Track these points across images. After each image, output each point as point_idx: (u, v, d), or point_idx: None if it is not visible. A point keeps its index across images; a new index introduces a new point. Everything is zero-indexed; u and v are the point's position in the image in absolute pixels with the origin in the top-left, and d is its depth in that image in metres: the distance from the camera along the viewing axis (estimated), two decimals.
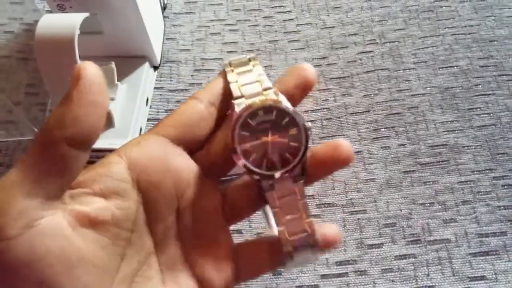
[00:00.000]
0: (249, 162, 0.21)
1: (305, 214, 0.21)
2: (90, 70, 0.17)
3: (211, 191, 0.22)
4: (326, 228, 0.21)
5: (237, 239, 0.22)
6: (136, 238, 0.20)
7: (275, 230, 0.21)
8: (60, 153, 0.17)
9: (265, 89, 0.21)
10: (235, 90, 0.21)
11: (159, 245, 0.21)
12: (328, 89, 0.44)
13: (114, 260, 0.19)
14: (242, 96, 0.21)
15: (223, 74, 0.22)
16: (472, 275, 0.35)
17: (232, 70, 0.22)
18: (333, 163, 0.21)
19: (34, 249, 0.16)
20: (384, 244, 0.36)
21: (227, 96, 0.22)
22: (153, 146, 0.20)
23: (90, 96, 0.17)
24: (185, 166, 0.21)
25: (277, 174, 0.21)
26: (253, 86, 0.22)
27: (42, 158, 0.17)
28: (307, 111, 0.43)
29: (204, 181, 0.21)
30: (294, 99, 0.22)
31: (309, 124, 0.21)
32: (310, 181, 0.22)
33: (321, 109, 0.43)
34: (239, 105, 0.21)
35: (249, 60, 0.23)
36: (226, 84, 0.22)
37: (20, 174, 0.17)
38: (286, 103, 0.21)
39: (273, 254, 0.21)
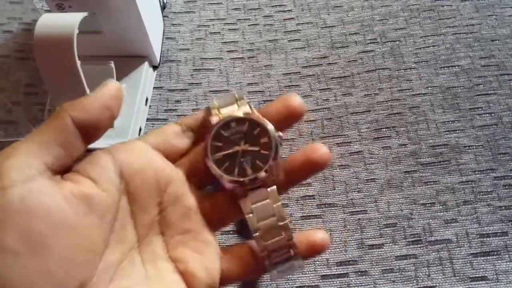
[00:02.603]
0: (221, 170, 0.22)
1: (281, 219, 0.22)
2: (116, 84, 0.21)
3: (192, 191, 0.23)
4: (312, 235, 0.22)
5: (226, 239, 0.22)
6: (119, 228, 0.20)
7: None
8: (64, 124, 0.19)
9: (244, 112, 0.23)
10: (214, 115, 0.23)
11: (143, 240, 0.21)
12: (328, 88, 0.44)
13: (99, 242, 0.19)
14: (218, 114, 0.23)
15: (207, 109, 0.24)
16: (473, 276, 0.34)
17: (217, 109, 0.24)
18: (308, 166, 0.22)
19: (24, 199, 0.17)
20: (385, 245, 0.36)
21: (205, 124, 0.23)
22: (137, 145, 0.22)
23: (106, 98, 0.20)
24: (166, 164, 0.22)
25: (247, 180, 0.21)
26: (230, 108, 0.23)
27: (48, 126, 0.19)
28: (308, 111, 0.43)
29: (186, 181, 0.22)
30: (277, 125, 0.23)
31: (280, 133, 0.22)
32: (288, 183, 0.23)
33: (321, 108, 0.43)
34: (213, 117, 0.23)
35: (236, 99, 0.24)
36: (208, 115, 0.23)
37: (28, 138, 0.19)
38: (259, 116, 0.22)
39: (259, 260, 0.22)
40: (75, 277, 0.18)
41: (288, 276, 0.35)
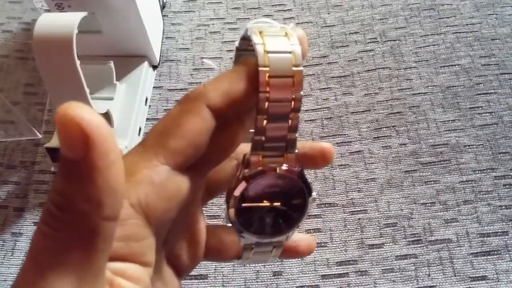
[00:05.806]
0: (240, 222, 0.19)
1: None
2: (102, 130, 0.12)
3: (200, 191, 0.21)
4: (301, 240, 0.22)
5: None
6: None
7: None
8: (106, 236, 0.14)
9: (295, 66, 0.17)
10: (261, 57, 0.16)
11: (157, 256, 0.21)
12: (328, 88, 0.44)
13: None
14: (267, 65, 0.17)
15: (245, 64, 0.17)
16: (474, 275, 0.34)
17: (260, 33, 0.17)
18: (315, 165, 0.23)
19: None
20: (385, 244, 0.36)
21: (245, 102, 0.17)
22: (167, 185, 0.17)
23: (112, 179, 0.13)
24: (193, 196, 0.19)
25: (262, 241, 0.20)
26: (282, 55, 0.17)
27: (91, 255, 0.14)
28: (308, 110, 0.42)
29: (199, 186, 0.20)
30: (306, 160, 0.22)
31: (314, 195, 0.20)
32: None
33: (321, 108, 0.42)
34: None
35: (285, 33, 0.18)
36: (248, 85, 0.17)
37: (65, 276, 0.13)
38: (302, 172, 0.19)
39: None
40: None
41: (288, 276, 0.35)
